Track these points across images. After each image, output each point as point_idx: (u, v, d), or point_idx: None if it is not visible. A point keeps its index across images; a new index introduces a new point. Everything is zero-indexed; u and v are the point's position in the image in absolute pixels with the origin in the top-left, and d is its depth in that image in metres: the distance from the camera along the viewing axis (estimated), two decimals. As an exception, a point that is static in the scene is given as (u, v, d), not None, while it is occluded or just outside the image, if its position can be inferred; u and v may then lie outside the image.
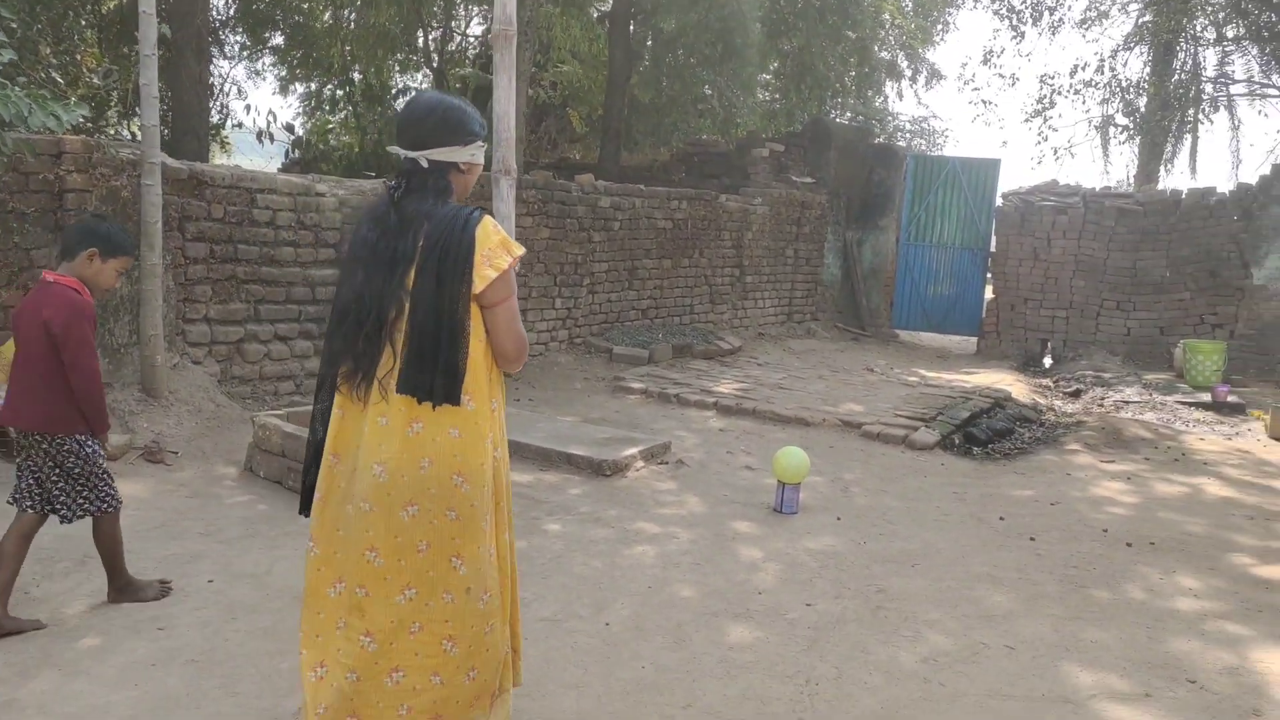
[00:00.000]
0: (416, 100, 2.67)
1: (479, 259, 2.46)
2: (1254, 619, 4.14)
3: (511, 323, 2.54)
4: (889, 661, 3.56)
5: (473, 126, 2.62)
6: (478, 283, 2.46)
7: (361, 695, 2.46)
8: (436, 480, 2.44)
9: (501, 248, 2.50)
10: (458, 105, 2.62)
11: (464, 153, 2.59)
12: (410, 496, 2.44)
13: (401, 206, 2.52)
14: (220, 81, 16.10)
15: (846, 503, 5.67)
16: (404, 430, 2.44)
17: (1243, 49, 17.37)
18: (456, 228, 2.47)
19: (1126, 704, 3.31)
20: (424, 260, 2.45)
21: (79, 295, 3.46)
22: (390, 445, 2.44)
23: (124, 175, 5.91)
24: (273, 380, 6.93)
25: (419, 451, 2.44)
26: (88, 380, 3.44)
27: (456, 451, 2.46)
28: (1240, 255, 11.94)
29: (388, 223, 2.52)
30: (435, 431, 2.45)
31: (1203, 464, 7.11)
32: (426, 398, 2.44)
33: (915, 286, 14.60)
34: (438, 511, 2.45)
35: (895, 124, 24.16)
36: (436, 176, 2.55)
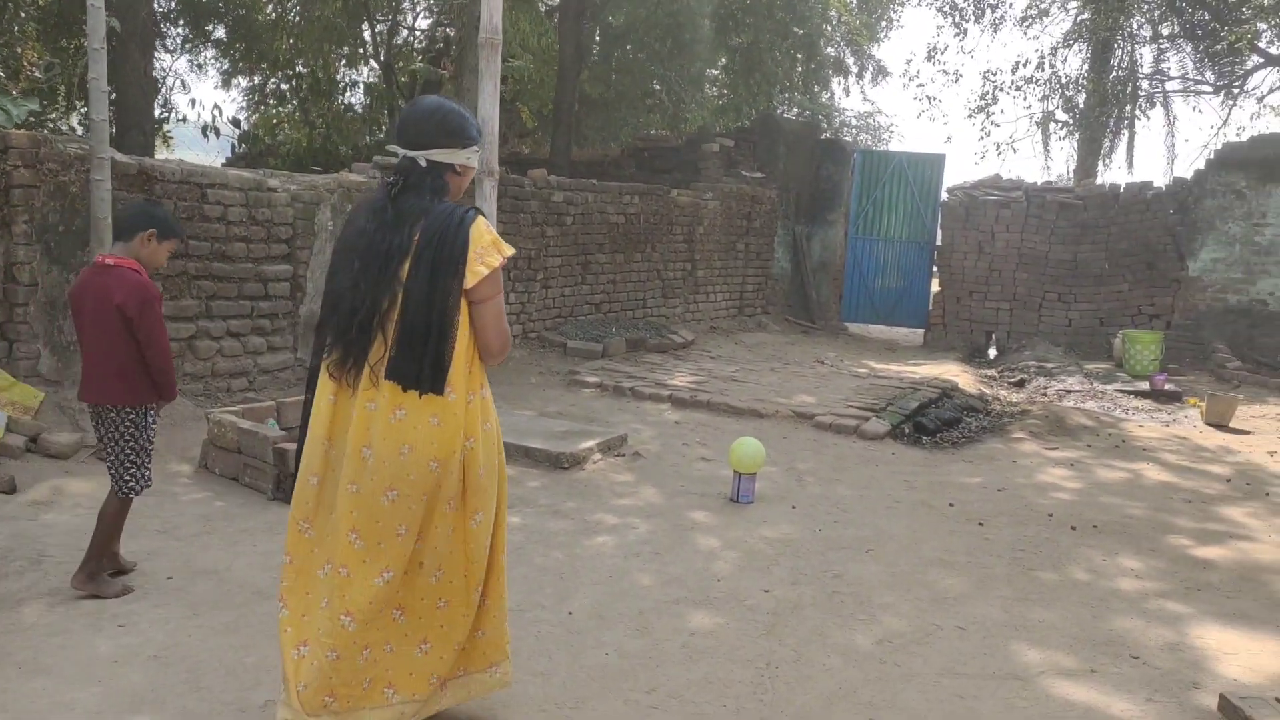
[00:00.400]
0: (419, 103, 2.80)
1: (472, 256, 2.57)
2: (1192, 597, 4.31)
3: (498, 319, 2.66)
4: (846, 644, 3.65)
5: (470, 131, 2.76)
6: (469, 278, 2.56)
7: (340, 674, 2.57)
8: (415, 466, 2.56)
9: (493, 246, 2.63)
10: (457, 110, 2.75)
11: (461, 155, 2.72)
12: (390, 482, 2.55)
13: (398, 202, 2.64)
14: (163, 75, 15.83)
15: (801, 492, 5.77)
16: (387, 416, 2.55)
17: (1177, 47, 17.86)
18: (452, 225, 2.58)
19: (1073, 680, 3.44)
20: (419, 254, 2.56)
21: (141, 276, 3.73)
22: (377, 430, 2.56)
23: (72, 170, 5.81)
24: (225, 377, 6.86)
25: (400, 438, 2.55)
26: (163, 356, 3.76)
27: (434, 439, 2.57)
28: (1176, 248, 12.30)
29: (384, 216, 2.63)
30: (416, 419, 2.56)
31: (1142, 450, 7.33)
32: (413, 386, 2.54)
33: (863, 280, 14.82)
34: (415, 497, 2.57)
35: (842, 120, 24.44)
36: (434, 176, 2.68)
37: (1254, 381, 10.41)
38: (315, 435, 2.67)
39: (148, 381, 3.75)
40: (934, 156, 14.64)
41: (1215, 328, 11.99)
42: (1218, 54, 16.08)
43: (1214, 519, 5.58)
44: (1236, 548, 5.05)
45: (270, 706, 2.97)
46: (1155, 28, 17.69)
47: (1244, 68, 17.11)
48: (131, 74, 10.18)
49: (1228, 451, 7.41)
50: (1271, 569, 4.72)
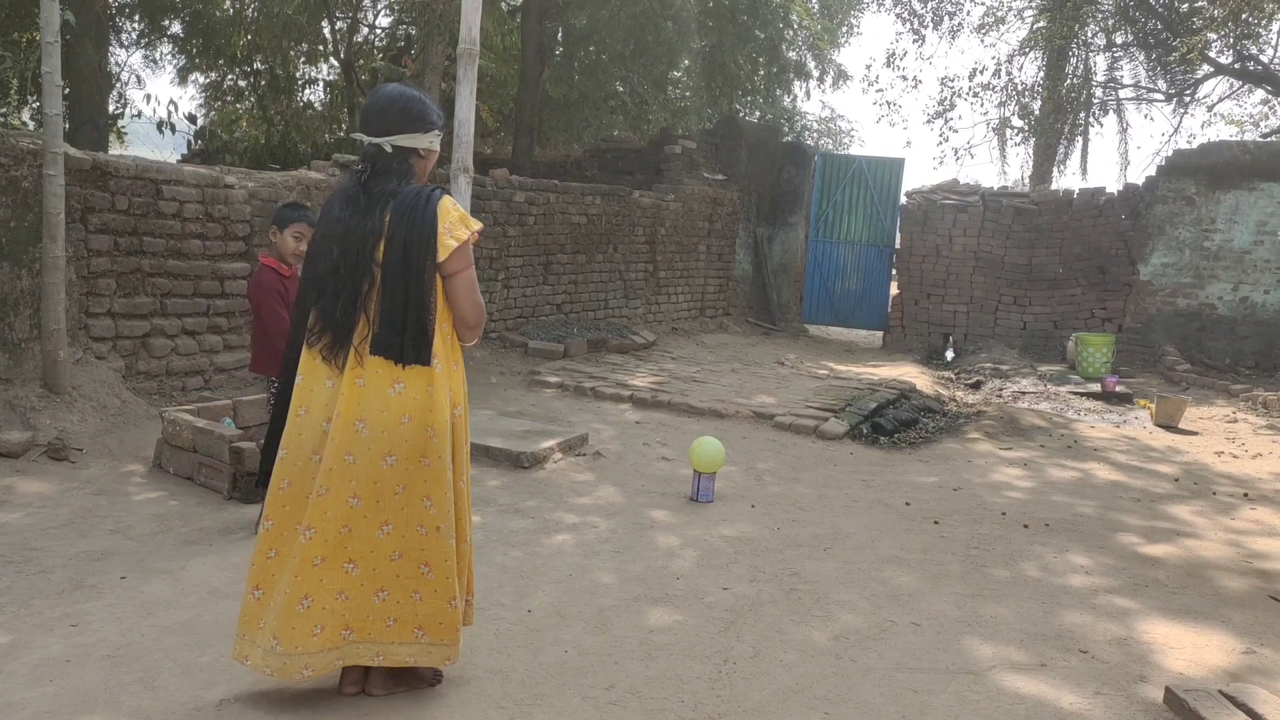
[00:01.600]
0: (380, 91, 2.92)
1: (441, 230, 2.75)
2: (1141, 593, 4.40)
3: (470, 291, 2.83)
4: (803, 640, 3.69)
5: (431, 116, 2.89)
6: (440, 252, 2.74)
7: (353, 610, 2.83)
8: (414, 433, 2.78)
9: (461, 222, 2.80)
10: (418, 97, 2.90)
11: (424, 139, 2.87)
12: (389, 448, 2.78)
13: (368, 187, 2.81)
14: (118, 70, 15.59)
15: (760, 491, 5.81)
16: (386, 390, 2.77)
17: (1131, 55, 18.18)
18: (420, 203, 2.76)
19: (1024, 674, 3.50)
20: (391, 234, 2.74)
21: (265, 271, 4.52)
22: (371, 404, 2.77)
23: (24, 165, 5.72)
24: (180, 375, 6.78)
25: (400, 409, 2.77)
26: (277, 335, 4.31)
27: (430, 407, 2.79)
28: (1128, 252, 12.54)
29: (357, 203, 2.81)
30: (414, 391, 2.78)
31: (1093, 450, 7.47)
32: (398, 359, 2.75)
33: (824, 282, 14.94)
34: (413, 460, 2.80)
35: (804, 123, 24.62)
36: (399, 161, 2.84)
37: (1202, 384, 10.64)
38: (314, 416, 2.83)
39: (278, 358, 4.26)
40: (893, 161, 14.80)
41: (1165, 331, 12.25)
42: (1170, 63, 16.39)
43: (1162, 517, 5.70)
44: (1183, 545, 5.16)
45: (226, 705, 2.95)
46: (1109, 36, 18.01)
47: (1195, 77, 17.46)
48: (86, 68, 10.02)
49: (1176, 452, 7.57)
50: (1216, 566, 4.83)
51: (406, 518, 2.82)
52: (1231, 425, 8.69)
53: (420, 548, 2.84)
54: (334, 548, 2.79)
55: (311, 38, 16.72)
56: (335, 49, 16.84)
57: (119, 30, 15.09)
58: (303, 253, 4.40)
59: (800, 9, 17.15)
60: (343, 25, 16.75)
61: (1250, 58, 16.24)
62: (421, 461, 2.80)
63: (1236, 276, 12.01)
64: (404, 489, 2.81)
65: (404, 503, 2.82)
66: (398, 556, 2.84)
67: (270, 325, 4.47)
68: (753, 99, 19.01)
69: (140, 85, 29.76)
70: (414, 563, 2.85)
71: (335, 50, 16.86)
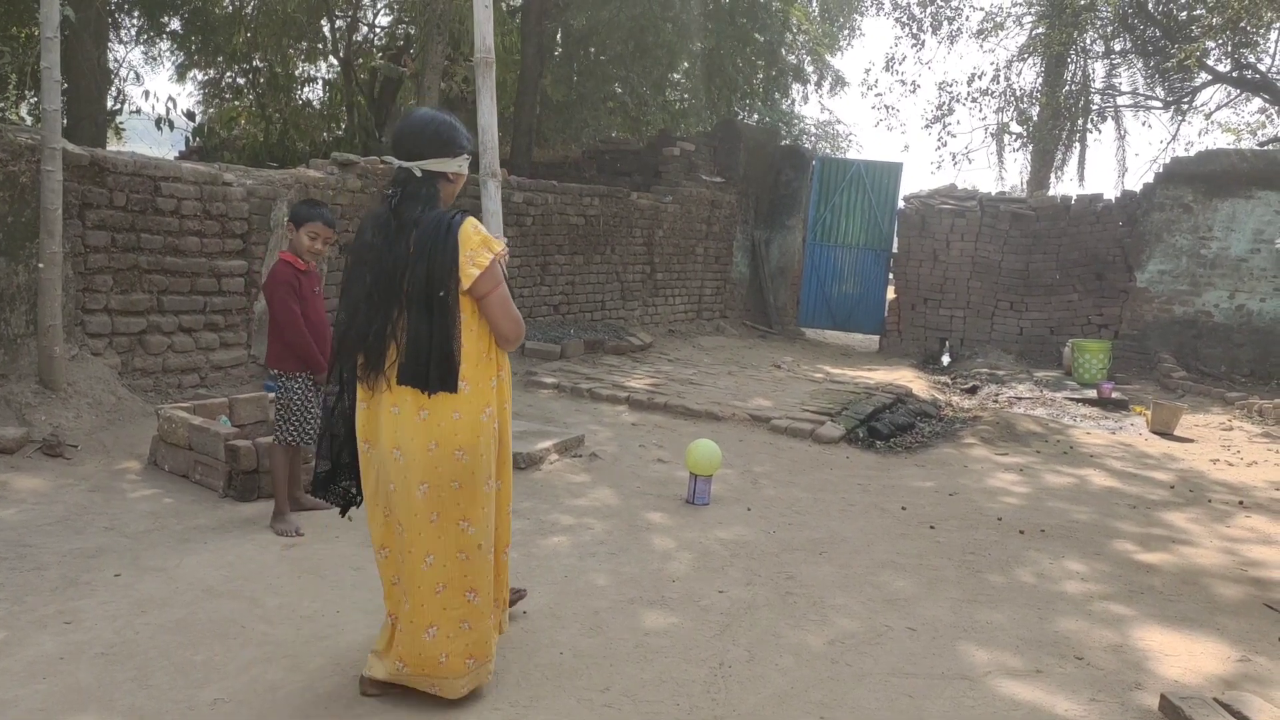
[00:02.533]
0: (412, 116, 3.01)
1: (463, 259, 2.79)
2: (1136, 600, 4.40)
3: (505, 308, 2.89)
4: (798, 644, 3.69)
5: (461, 141, 2.98)
6: (464, 280, 2.80)
7: (405, 643, 2.93)
8: (441, 459, 2.83)
9: (483, 246, 2.84)
10: (449, 122, 2.97)
11: (453, 164, 2.95)
12: (421, 476, 2.84)
13: (399, 213, 2.87)
14: (117, 66, 15.57)
15: (756, 494, 5.81)
16: (414, 417, 2.83)
17: (1129, 62, 18.22)
18: (440, 233, 2.80)
19: (1019, 680, 3.50)
20: (413, 265, 2.79)
21: (280, 265, 4.54)
22: (404, 431, 2.83)
23: (22, 161, 5.70)
24: (176, 373, 6.76)
25: (427, 436, 2.83)
26: (288, 330, 4.48)
27: (458, 430, 2.84)
28: (1125, 259, 12.56)
29: (389, 229, 2.87)
30: (440, 417, 2.83)
31: (1089, 456, 7.47)
32: (424, 387, 2.80)
33: (821, 285, 14.94)
34: (444, 485, 2.85)
35: (802, 127, 24.62)
36: (428, 185, 2.90)
37: (1198, 391, 10.65)
38: (358, 438, 2.95)
39: (289, 351, 4.52)
40: (891, 165, 14.80)
41: (1161, 338, 12.26)
42: (1168, 70, 16.44)
43: (1157, 524, 5.71)
44: (1178, 552, 5.17)
45: (219, 704, 2.94)
46: (1108, 43, 18.05)
47: (1193, 84, 17.50)
48: (85, 64, 10.00)
49: (1171, 459, 7.58)
50: (1211, 573, 4.84)
51: (445, 546, 2.89)
52: (1227, 433, 8.70)
53: (464, 574, 2.91)
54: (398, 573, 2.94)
55: (311, 36, 16.71)
56: (334, 47, 16.83)
57: (118, 26, 15.07)
58: (318, 251, 4.65)
59: (800, 13, 17.16)
60: (342, 24, 16.75)
61: (1248, 66, 16.28)
62: (452, 486, 2.86)
63: (1233, 284, 12.03)
64: (438, 516, 2.87)
65: (439, 531, 2.87)
66: (442, 589, 2.90)
67: (280, 317, 4.50)
68: (751, 102, 19.02)
69: (139, 82, 29.68)
70: (459, 592, 2.92)
71: (334, 48, 16.85)
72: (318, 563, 4.17)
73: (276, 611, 3.64)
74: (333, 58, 17.29)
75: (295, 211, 4.65)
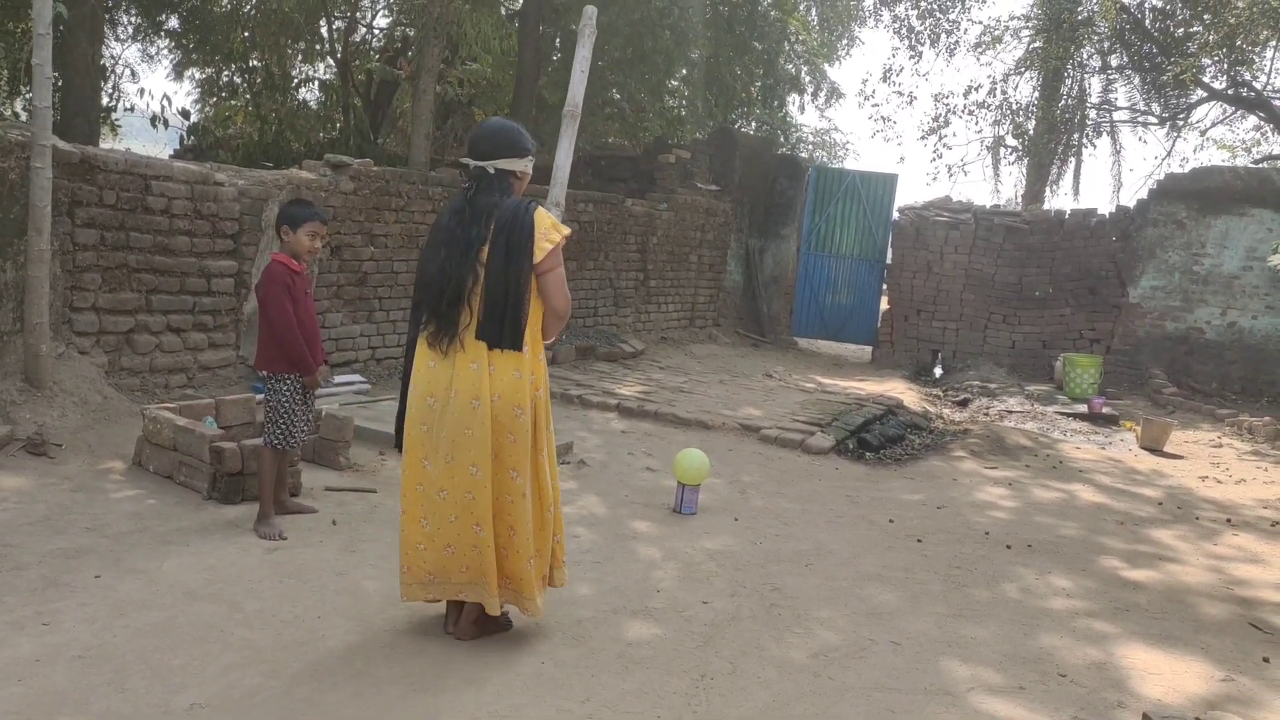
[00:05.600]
0: (486, 123, 3.56)
1: (537, 236, 3.29)
2: (1121, 618, 4.40)
3: (561, 285, 3.38)
4: (781, 657, 3.67)
5: (527, 144, 3.49)
6: (537, 254, 3.28)
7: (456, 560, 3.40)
8: (504, 410, 3.31)
9: (553, 228, 3.35)
10: (517, 128, 3.51)
11: (520, 163, 3.45)
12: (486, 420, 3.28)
13: (474, 202, 3.36)
14: (112, 63, 15.53)
15: (744, 504, 5.80)
16: (485, 371, 3.29)
17: (1125, 77, 18.27)
18: (520, 214, 3.30)
19: (1002, 696, 3.49)
20: (494, 240, 3.28)
21: (275, 265, 4.49)
22: (469, 382, 3.28)
23: (12, 157, 5.67)
24: (164, 373, 6.73)
25: (493, 389, 3.30)
26: (280, 330, 4.45)
27: (517, 389, 3.32)
28: (1118, 274, 12.58)
29: (464, 214, 3.35)
30: (504, 373, 3.30)
31: (1078, 471, 7.47)
32: (497, 344, 3.28)
33: (814, 295, 14.94)
34: (503, 435, 3.32)
35: (798, 136, 24.66)
36: (500, 180, 3.40)
37: (1188, 408, 10.67)
38: (420, 392, 3.36)
39: (281, 353, 4.50)
40: (887, 176, 14.83)
41: (1153, 354, 12.28)
42: (1164, 86, 16.48)
43: (1144, 541, 5.71)
44: (1164, 570, 5.16)
45: (196, 710, 2.91)
46: (1104, 59, 18.09)
47: (1189, 101, 17.55)
48: (79, 61, 9.97)
49: (1160, 475, 7.58)
50: (1197, 592, 4.83)
51: (498, 486, 3.35)
52: (1216, 450, 8.71)
53: (509, 513, 3.37)
54: (463, 509, 3.34)
55: (309, 36, 16.69)
56: (332, 48, 16.81)
57: (115, 23, 15.04)
58: (316, 250, 4.67)
59: (799, 22, 17.19)
60: (340, 25, 16.73)
61: (1244, 84, 16.33)
62: (509, 439, 3.31)
63: (1225, 301, 12.06)
64: (495, 459, 3.32)
65: (496, 470, 3.33)
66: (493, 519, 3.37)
67: (274, 318, 4.45)
68: (749, 110, 19.04)
69: (135, 79, 29.63)
70: (504, 525, 3.38)
71: (332, 50, 16.83)
72: (300, 567, 4.14)
73: (257, 616, 3.62)
74: (330, 59, 17.27)
75: (290, 213, 4.56)
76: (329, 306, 7.99)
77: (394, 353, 8.76)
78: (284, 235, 4.54)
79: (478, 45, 14.64)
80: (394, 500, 5.23)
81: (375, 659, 3.36)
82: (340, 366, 8.10)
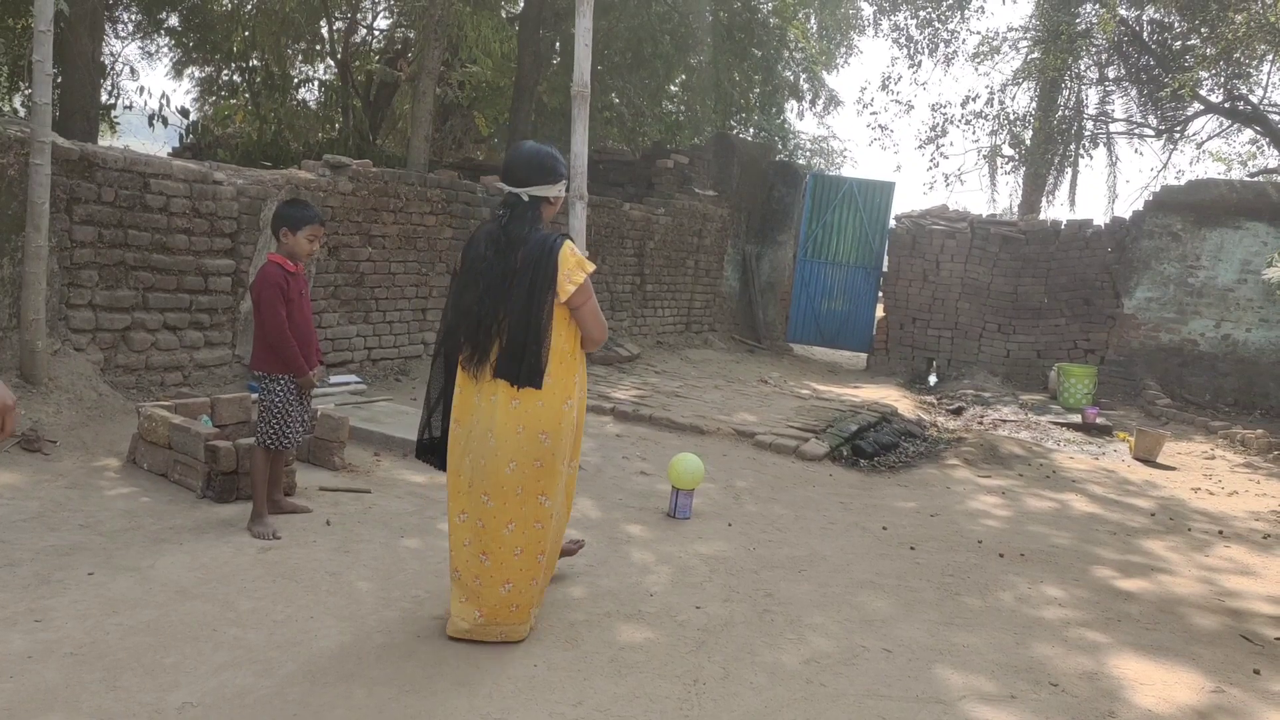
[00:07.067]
0: (521, 148, 3.59)
1: (561, 277, 3.40)
2: (1113, 627, 4.41)
3: (595, 316, 3.52)
4: (773, 663, 3.67)
5: (561, 170, 3.57)
6: (561, 294, 3.40)
7: (481, 597, 3.48)
8: (528, 440, 3.40)
9: (578, 266, 3.45)
10: (551, 154, 3.55)
11: (553, 190, 3.53)
12: (510, 456, 3.41)
13: (508, 230, 3.45)
14: (112, 61, 15.53)
15: (738, 509, 5.80)
16: (507, 404, 3.39)
17: (1123, 89, 18.34)
18: (544, 253, 3.38)
19: (993, 705, 3.49)
20: (519, 277, 3.37)
21: (270, 266, 4.50)
22: (497, 416, 3.39)
23: (11, 154, 5.67)
24: (159, 371, 6.72)
25: (516, 421, 3.39)
26: (272, 331, 4.46)
27: (542, 417, 3.41)
28: (1113, 285, 12.62)
29: (500, 244, 3.45)
30: (528, 405, 3.40)
31: (1071, 481, 7.49)
32: (514, 382, 3.37)
33: (810, 302, 14.96)
34: (528, 464, 3.42)
35: (796, 142, 24.71)
36: (533, 207, 3.48)
37: (1182, 419, 10.70)
38: (454, 417, 3.49)
39: (273, 354, 4.52)
40: (884, 184, 14.85)
41: (1147, 365, 12.32)
42: (1161, 99, 16.55)
43: (1136, 551, 5.72)
44: (1157, 580, 5.17)
45: (188, 709, 2.91)
46: (1102, 70, 18.17)
47: (1185, 113, 17.62)
48: (79, 58, 9.97)
49: (1153, 486, 7.60)
50: (1189, 602, 4.84)
51: (525, 515, 3.45)
52: (1209, 462, 8.73)
53: (538, 540, 3.49)
54: (474, 535, 3.46)
55: (309, 36, 16.71)
56: (332, 49, 16.83)
57: (115, 21, 15.04)
58: (315, 251, 4.71)
59: (798, 30, 17.23)
60: (341, 25, 16.74)
61: (1240, 97, 16.40)
62: (535, 465, 3.42)
63: (1219, 313, 12.10)
64: (522, 490, 3.42)
65: (521, 503, 3.43)
66: (520, 552, 3.47)
67: (266, 319, 4.46)
68: (747, 116, 19.08)
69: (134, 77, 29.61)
70: (533, 555, 3.50)
71: (332, 50, 16.85)
72: (294, 567, 4.14)
73: (249, 615, 3.61)
74: (330, 59, 17.28)
75: (288, 215, 4.57)
76: (326, 307, 7.99)
77: (390, 354, 8.76)
78: (284, 238, 4.54)
79: (478, 48, 14.67)
80: (388, 500, 5.25)
81: (367, 660, 3.36)
82: (336, 367, 8.10)
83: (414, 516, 5.03)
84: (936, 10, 17.80)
